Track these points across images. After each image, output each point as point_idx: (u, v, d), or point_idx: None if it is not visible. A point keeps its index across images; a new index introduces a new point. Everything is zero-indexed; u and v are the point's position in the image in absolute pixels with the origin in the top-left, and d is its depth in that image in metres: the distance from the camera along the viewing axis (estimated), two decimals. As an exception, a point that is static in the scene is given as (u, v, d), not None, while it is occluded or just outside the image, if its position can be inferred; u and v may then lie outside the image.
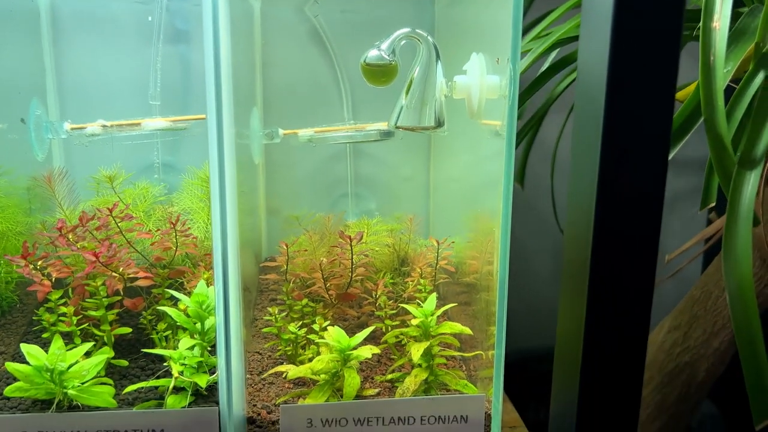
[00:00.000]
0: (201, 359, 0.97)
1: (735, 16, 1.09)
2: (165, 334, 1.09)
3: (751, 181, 0.85)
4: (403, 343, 1.14)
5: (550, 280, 2.07)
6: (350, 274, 1.15)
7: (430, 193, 1.49)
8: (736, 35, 1.00)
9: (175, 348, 1.05)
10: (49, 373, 0.90)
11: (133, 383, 1.01)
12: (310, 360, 1.07)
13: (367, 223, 1.28)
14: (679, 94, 1.13)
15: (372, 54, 1.05)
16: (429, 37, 1.07)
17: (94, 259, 0.99)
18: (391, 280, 1.25)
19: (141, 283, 1.07)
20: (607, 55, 0.71)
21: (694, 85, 0.98)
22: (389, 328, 1.13)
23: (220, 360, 0.93)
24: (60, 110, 1.37)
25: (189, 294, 1.11)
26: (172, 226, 1.08)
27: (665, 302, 1.76)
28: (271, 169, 1.47)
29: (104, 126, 1.25)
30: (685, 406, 1.60)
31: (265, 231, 1.49)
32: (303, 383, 1.06)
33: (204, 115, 1.29)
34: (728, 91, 0.93)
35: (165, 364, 0.97)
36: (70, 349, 0.96)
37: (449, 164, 1.43)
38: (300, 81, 1.43)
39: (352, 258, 1.13)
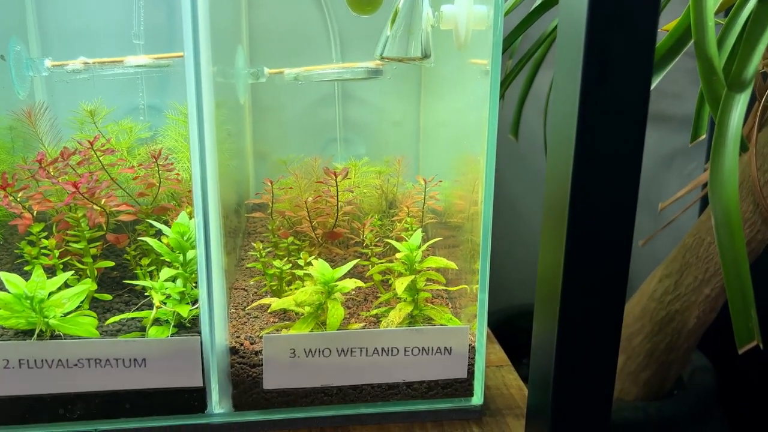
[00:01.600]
0: (183, 290, 0.96)
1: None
2: (150, 269, 1.08)
3: (740, 104, 0.83)
4: (389, 282, 1.13)
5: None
6: (336, 213, 1.14)
7: (420, 138, 1.47)
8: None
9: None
10: (29, 301, 0.90)
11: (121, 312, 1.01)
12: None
13: (354, 164, 1.26)
14: (670, 25, 1.10)
15: (356, -18, 1.03)
16: (415, -35, 1.04)
17: (73, 189, 0.97)
18: (379, 222, 1.24)
19: (124, 217, 1.06)
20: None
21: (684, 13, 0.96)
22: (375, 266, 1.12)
23: (202, 289, 0.93)
24: (41, 48, 1.34)
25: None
26: (154, 159, 1.07)
27: (661, 253, 1.75)
28: (258, 113, 1.45)
29: (86, 63, 1.22)
30: (675, 355, 1.60)
31: (253, 175, 1.47)
32: (288, 318, 1.06)
33: (182, 53, 1.27)
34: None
35: (147, 295, 0.97)
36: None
37: (439, 108, 1.41)
38: (287, 21, 1.40)
39: (337, 195, 1.12)
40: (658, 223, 2.06)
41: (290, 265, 1.08)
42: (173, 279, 0.98)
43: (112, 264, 1.06)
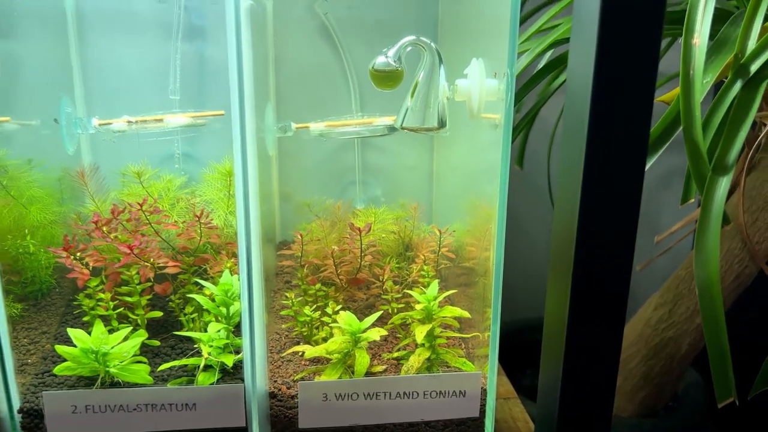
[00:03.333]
0: (227, 341, 1.08)
1: (723, 16, 1.17)
2: (192, 316, 1.20)
3: (723, 186, 0.94)
4: (407, 323, 1.25)
5: (545, 252, 2.18)
6: (359, 261, 1.26)
7: (433, 181, 1.58)
8: (717, 45, 1.08)
9: (202, 330, 1.17)
10: (93, 354, 1.02)
11: (165, 361, 1.13)
12: (324, 339, 1.19)
13: (374, 211, 1.37)
14: (666, 96, 1.21)
15: (379, 60, 1.13)
16: (432, 44, 1.15)
17: (128, 251, 1.09)
18: (397, 265, 1.36)
19: (169, 270, 1.18)
20: (593, 63, 0.79)
21: (676, 92, 1.06)
22: (395, 311, 1.24)
23: (245, 341, 1.05)
24: (86, 105, 1.46)
25: (212, 279, 1.23)
26: (197, 218, 1.18)
27: (657, 278, 1.87)
28: (283, 158, 1.56)
29: (129, 122, 1.34)
30: (668, 377, 1.72)
31: (279, 216, 1.59)
32: (317, 360, 1.18)
33: (222, 112, 1.39)
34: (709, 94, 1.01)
35: (195, 346, 1.09)
36: (110, 331, 1.07)
37: (451, 154, 1.53)
38: (310, 76, 1.51)
39: (361, 247, 1.23)
40: (656, 244, 2.18)
41: (319, 312, 1.20)
42: (217, 330, 1.10)
43: (160, 314, 1.18)
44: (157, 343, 1.17)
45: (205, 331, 1.12)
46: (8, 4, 1.33)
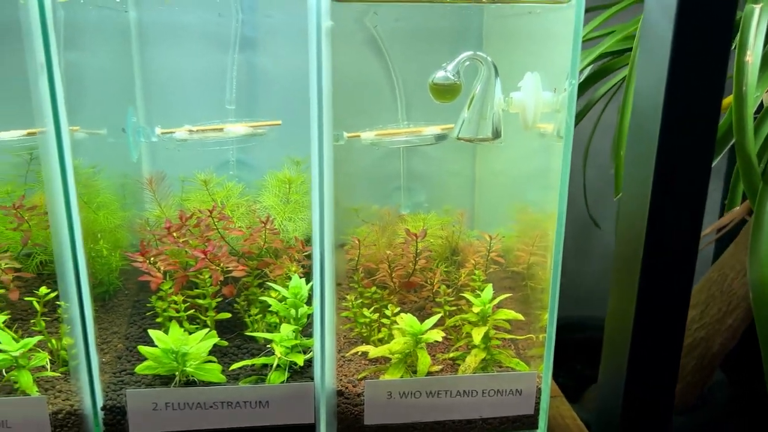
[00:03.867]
0: (297, 341, 1.14)
1: None
2: (256, 317, 1.26)
3: (774, 196, 0.99)
4: (458, 325, 1.30)
5: (577, 255, 2.24)
6: (413, 265, 1.31)
7: (475, 187, 1.64)
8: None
9: (265, 330, 1.22)
10: (174, 354, 1.08)
11: (232, 360, 1.19)
12: (381, 340, 1.24)
13: (423, 217, 1.43)
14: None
15: (439, 75, 1.19)
16: (489, 59, 1.20)
17: (203, 256, 1.15)
18: (445, 269, 1.41)
19: (236, 274, 1.24)
20: (664, 81, 0.85)
21: (727, 101, 1.12)
22: (447, 314, 1.30)
23: (316, 341, 1.11)
24: (145, 114, 1.51)
25: (273, 282, 1.28)
26: (263, 224, 1.24)
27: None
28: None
29: (190, 131, 1.39)
30: (700, 376, 1.78)
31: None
32: (376, 360, 1.23)
33: (279, 121, 1.44)
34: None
35: (268, 346, 1.14)
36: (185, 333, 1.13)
37: (493, 160, 1.58)
38: (358, 86, 1.56)
39: (416, 251, 1.29)
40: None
41: (378, 315, 1.25)
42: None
43: (229, 316, 1.24)
44: (225, 343, 1.22)
45: (271, 331, 1.18)
46: (76, 17, 1.38)
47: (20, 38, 1.41)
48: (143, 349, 1.09)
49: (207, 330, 1.14)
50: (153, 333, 1.10)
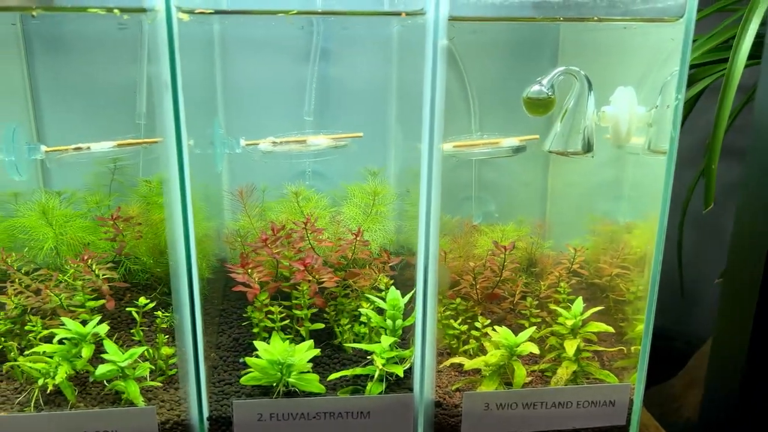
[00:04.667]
0: (395, 353, 1.15)
1: None
2: (346, 327, 1.27)
3: None
4: (543, 337, 1.31)
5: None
6: (498, 277, 1.32)
7: (548, 197, 1.65)
8: None
9: (356, 340, 1.24)
10: (279, 365, 1.09)
11: (325, 370, 1.21)
12: (465, 352, 1.25)
13: (502, 228, 1.44)
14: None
15: (534, 89, 1.20)
16: (583, 73, 1.21)
17: (302, 268, 1.16)
18: (525, 281, 1.42)
19: (327, 284, 1.25)
20: None
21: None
22: (534, 326, 1.31)
23: (417, 352, 1.12)
24: (226, 125, 1.53)
25: (360, 292, 1.30)
26: (354, 236, 1.26)
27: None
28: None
29: (274, 143, 1.41)
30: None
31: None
32: (464, 371, 1.25)
33: (360, 134, 1.46)
34: None
35: (369, 357, 1.16)
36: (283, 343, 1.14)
37: (568, 171, 1.59)
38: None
39: (503, 264, 1.30)
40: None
41: (467, 326, 1.27)
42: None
43: (323, 326, 1.25)
44: (318, 352, 1.24)
45: (358, 341, 1.20)
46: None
47: (112, 52, 1.44)
48: (250, 360, 1.10)
49: (311, 342, 1.16)
50: (259, 345, 1.11)
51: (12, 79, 1.41)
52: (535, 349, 1.18)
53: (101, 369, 1.09)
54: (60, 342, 1.11)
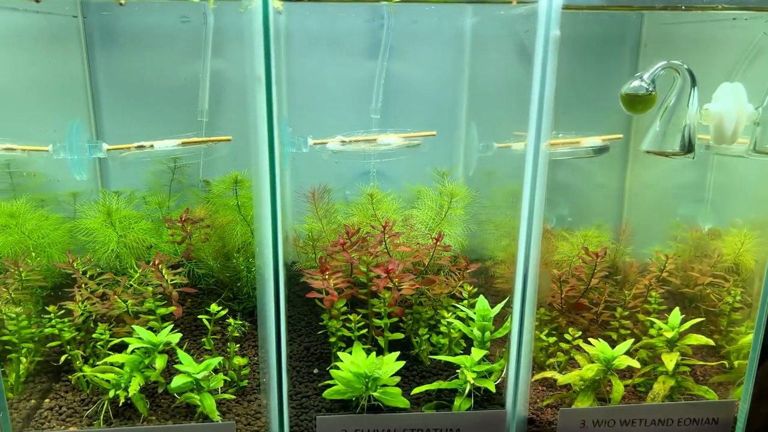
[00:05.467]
0: (486, 367, 1.07)
1: None
2: (425, 337, 1.20)
3: None
4: (635, 349, 1.23)
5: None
6: (586, 288, 1.24)
7: (625, 200, 1.56)
8: None
9: (432, 352, 1.17)
10: (366, 379, 1.02)
11: (404, 382, 1.13)
12: (552, 365, 1.18)
13: (585, 233, 1.36)
14: None
15: (633, 84, 1.12)
16: (686, 67, 1.13)
17: (385, 274, 1.09)
18: (610, 289, 1.34)
19: (406, 291, 1.18)
20: None
21: None
22: (622, 337, 1.23)
23: (511, 367, 1.04)
24: (291, 122, 1.46)
25: (438, 301, 1.23)
26: (435, 241, 1.18)
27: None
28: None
29: (343, 141, 1.34)
30: None
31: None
32: (551, 385, 1.17)
33: (434, 132, 1.39)
34: None
35: (458, 371, 1.08)
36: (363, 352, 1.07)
37: (648, 171, 1.51)
38: (503, 94, 1.50)
39: (593, 273, 1.22)
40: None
41: (554, 338, 1.19)
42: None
43: (402, 337, 1.18)
44: (402, 364, 1.17)
45: (436, 353, 1.13)
46: (221, 25, 1.34)
47: (174, 47, 1.38)
48: (335, 373, 1.03)
49: (397, 354, 1.09)
50: (343, 357, 1.04)
51: (73, 74, 1.35)
52: (634, 364, 1.10)
53: (177, 381, 1.02)
54: (131, 351, 1.04)
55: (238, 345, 1.18)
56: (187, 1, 0.90)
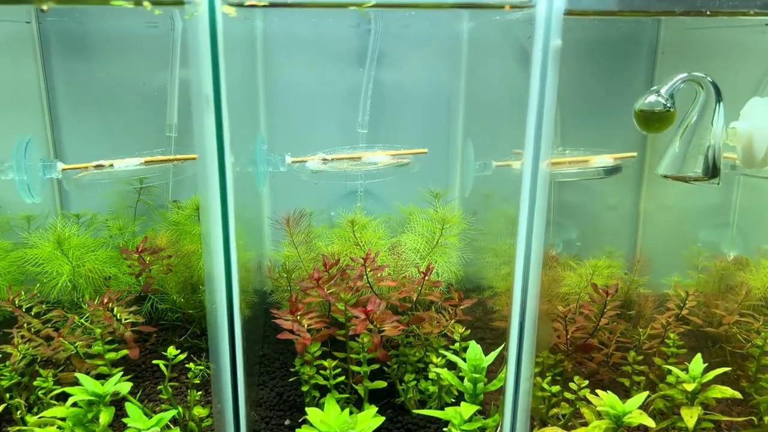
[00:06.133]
0: (479, 424, 0.94)
1: None
2: (410, 384, 1.07)
3: None
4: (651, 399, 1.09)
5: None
6: (596, 327, 1.10)
7: (639, 223, 1.42)
8: None
9: (422, 400, 1.03)
10: (337, 439, 0.89)
11: (388, 437, 1.00)
12: (555, 416, 1.04)
13: (594, 263, 1.22)
14: None
15: (649, 100, 0.98)
16: (709, 80, 0.99)
17: (363, 316, 0.96)
18: (622, 327, 1.20)
19: (389, 333, 1.04)
20: None
21: None
22: (634, 384, 1.08)
23: (506, 423, 0.91)
24: (268, 139, 1.34)
25: (427, 341, 1.09)
26: (423, 276, 1.05)
27: None
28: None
29: (324, 160, 1.21)
30: None
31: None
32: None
33: (425, 150, 1.25)
34: None
35: (446, 428, 0.95)
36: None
37: (665, 193, 1.36)
38: (502, 107, 1.36)
39: (603, 311, 1.08)
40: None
41: (558, 387, 1.05)
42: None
43: (385, 385, 1.04)
44: (382, 419, 1.03)
45: (425, 401, 0.99)
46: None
47: (140, 55, 1.25)
48: (306, 429, 0.90)
49: (371, 409, 0.95)
50: (311, 413, 0.91)
51: (26, 85, 1.23)
52: (648, 422, 0.95)
53: (122, 440, 0.89)
54: (73, 404, 0.92)
55: (200, 392, 1.05)
56: (122, 6, 0.78)
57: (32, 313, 1.04)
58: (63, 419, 0.93)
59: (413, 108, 1.37)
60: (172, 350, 1.01)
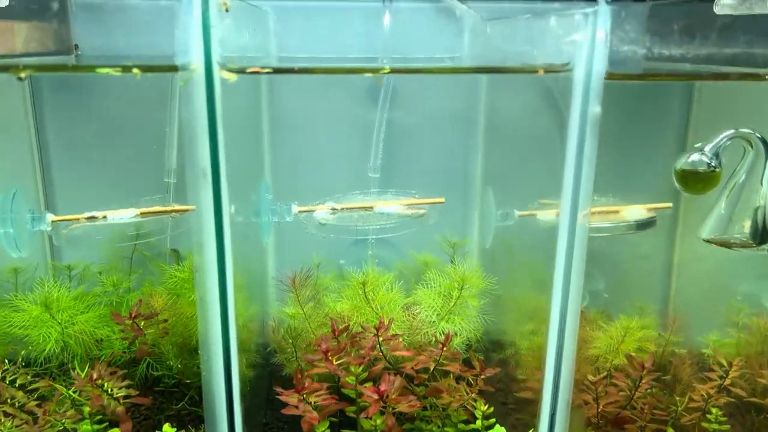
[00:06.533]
0: None
1: None
2: (426, 464, 0.98)
3: None
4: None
5: None
6: (630, 399, 1.01)
7: (673, 275, 1.32)
8: None
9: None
10: None
11: None
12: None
13: (626, 323, 1.12)
14: None
15: (692, 158, 0.89)
16: (758, 136, 0.89)
17: (377, 397, 0.87)
18: (656, 395, 1.10)
19: (403, 408, 0.95)
20: None
21: None
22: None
23: None
24: (273, 185, 1.25)
25: (447, 416, 1.00)
26: (441, 345, 0.96)
27: None
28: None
29: (334, 209, 1.12)
30: None
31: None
32: None
33: (442, 199, 1.16)
34: None
35: None
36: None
37: (700, 241, 1.26)
38: (527, 151, 1.27)
39: (639, 383, 0.98)
40: None
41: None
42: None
43: (399, 470, 0.95)
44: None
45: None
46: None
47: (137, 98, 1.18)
48: None
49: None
50: None
51: (16, 130, 1.16)
52: None
53: None
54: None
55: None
56: (109, 74, 0.70)
57: (17, 385, 0.95)
58: None
59: (429, 151, 1.29)
60: (167, 429, 0.92)
